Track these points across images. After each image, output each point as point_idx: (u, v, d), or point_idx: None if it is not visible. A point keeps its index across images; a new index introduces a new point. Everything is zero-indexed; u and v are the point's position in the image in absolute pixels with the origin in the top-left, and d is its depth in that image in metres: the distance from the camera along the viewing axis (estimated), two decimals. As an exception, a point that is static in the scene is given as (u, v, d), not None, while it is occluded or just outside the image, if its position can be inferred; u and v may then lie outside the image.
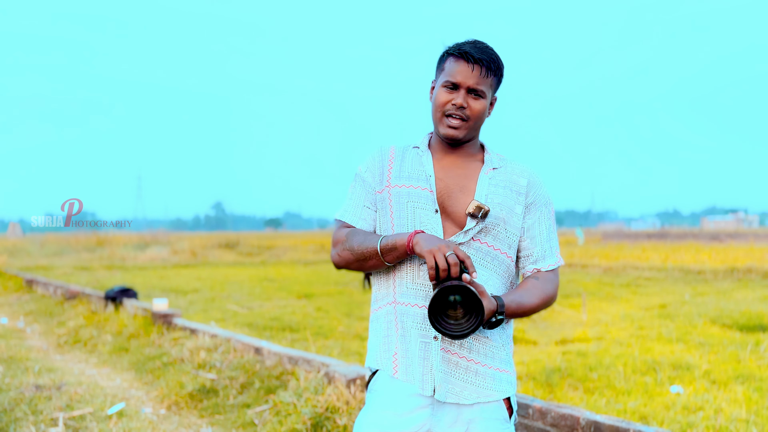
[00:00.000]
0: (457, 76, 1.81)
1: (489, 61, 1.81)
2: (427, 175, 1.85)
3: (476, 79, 1.80)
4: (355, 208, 1.92)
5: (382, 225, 1.89)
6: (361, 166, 1.95)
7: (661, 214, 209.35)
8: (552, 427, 3.28)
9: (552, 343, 7.21)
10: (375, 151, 1.95)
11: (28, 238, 36.70)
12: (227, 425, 4.40)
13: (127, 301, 8.81)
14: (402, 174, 1.88)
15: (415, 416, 1.79)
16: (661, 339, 7.15)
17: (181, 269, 20.21)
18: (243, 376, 5.16)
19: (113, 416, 4.57)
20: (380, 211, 1.90)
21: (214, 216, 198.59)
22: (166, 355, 6.13)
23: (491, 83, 1.84)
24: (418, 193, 1.84)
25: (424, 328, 1.79)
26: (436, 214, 1.81)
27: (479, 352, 1.79)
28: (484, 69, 1.81)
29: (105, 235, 31.42)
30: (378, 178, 1.91)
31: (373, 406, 1.85)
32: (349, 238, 1.86)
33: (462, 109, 1.81)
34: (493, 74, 1.83)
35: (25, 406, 4.74)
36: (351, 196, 1.94)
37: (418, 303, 1.81)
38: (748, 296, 11.04)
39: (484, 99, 1.83)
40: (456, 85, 1.81)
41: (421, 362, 1.79)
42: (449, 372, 1.78)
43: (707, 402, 4.55)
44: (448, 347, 1.78)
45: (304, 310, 10.22)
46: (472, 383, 1.79)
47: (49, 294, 11.64)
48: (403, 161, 1.91)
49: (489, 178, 1.85)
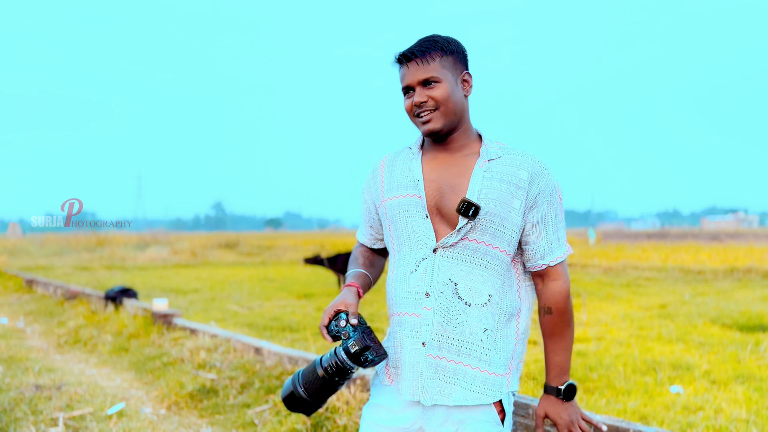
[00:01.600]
0: (404, 80, 1.83)
1: (421, 50, 1.79)
2: (416, 180, 1.84)
3: (417, 72, 1.80)
4: (361, 225, 2.09)
5: (386, 238, 1.95)
6: (363, 185, 2.04)
7: (661, 214, 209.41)
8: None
9: (552, 343, 7.20)
10: (370, 169, 2.00)
11: (28, 238, 36.68)
12: (227, 425, 4.40)
13: (127, 301, 8.82)
14: (392, 185, 1.89)
15: (407, 414, 1.83)
16: (661, 339, 7.14)
17: (181, 269, 20.20)
18: (243, 376, 5.16)
19: (113, 416, 4.58)
20: (383, 225, 1.95)
21: (214, 216, 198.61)
22: (166, 355, 6.13)
23: (441, 65, 1.79)
24: (407, 201, 1.84)
25: (413, 335, 1.81)
26: (426, 220, 1.80)
27: (470, 355, 1.78)
28: (418, 59, 1.79)
29: (105, 235, 31.41)
30: (375, 195, 1.95)
31: (372, 401, 1.91)
32: (350, 257, 2.07)
33: (424, 104, 1.80)
34: (437, 56, 1.79)
35: (25, 406, 4.74)
36: (362, 214, 2.08)
37: (408, 311, 1.82)
38: (748, 296, 11.03)
39: (441, 83, 1.79)
40: (408, 87, 1.83)
41: (410, 368, 1.81)
42: (436, 376, 1.79)
43: (707, 402, 4.55)
44: (434, 352, 1.78)
45: (304, 310, 10.22)
46: (460, 386, 1.78)
47: (49, 294, 11.64)
48: (393, 170, 1.91)
49: (483, 171, 1.79)
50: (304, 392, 1.80)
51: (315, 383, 1.79)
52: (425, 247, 1.80)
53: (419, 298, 1.79)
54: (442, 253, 1.78)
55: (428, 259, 1.79)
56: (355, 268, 1.99)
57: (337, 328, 1.79)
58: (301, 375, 1.83)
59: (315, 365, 1.81)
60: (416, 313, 1.80)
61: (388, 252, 1.97)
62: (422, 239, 1.81)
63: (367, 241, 2.07)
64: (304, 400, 1.81)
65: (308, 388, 1.80)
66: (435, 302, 1.78)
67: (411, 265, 1.82)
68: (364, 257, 2.05)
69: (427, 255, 1.80)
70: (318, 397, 1.81)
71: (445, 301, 1.77)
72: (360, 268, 1.99)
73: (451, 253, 1.78)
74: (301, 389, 1.80)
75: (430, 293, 1.78)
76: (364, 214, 2.04)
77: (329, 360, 1.78)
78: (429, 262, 1.79)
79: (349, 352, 1.75)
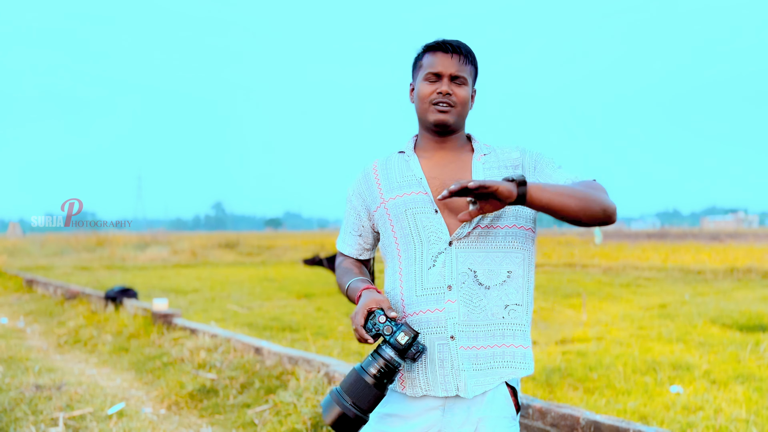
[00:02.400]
0: (438, 66, 1.84)
1: (466, 50, 1.87)
2: (418, 178, 1.85)
3: (457, 66, 1.84)
4: (344, 235, 2.04)
5: (386, 242, 1.91)
6: (349, 188, 2.00)
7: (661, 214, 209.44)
8: (552, 427, 3.29)
9: (552, 343, 7.20)
10: (359, 173, 1.98)
11: (28, 238, 36.69)
12: (227, 425, 4.39)
13: (127, 301, 8.82)
14: (392, 185, 1.89)
15: (424, 419, 1.79)
16: (661, 339, 7.14)
17: (181, 269, 20.20)
18: (243, 376, 5.16)
19: (113, 416, 4.57)
20: (381, 229, 1.92)
21: (214, 216, 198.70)
22: (166, 355, 6.13)
23: (470, 72, 1.87)
24: (414, 198, 1.84)
25: (439, 330, 1.78)
26: (436, 215, 1.81)
27: (496, 335, 1.78)
28: (462, 57, 1.85)
29: (105, 235, 31.41)
30: (370, 198, 1.93)
31: (381, 412, 1.83)
32: (337, 273, 2.02)
33: (448, 96, 1.83)
34: (471, 63, 1.87)
35: (25, 406, 4.74)
36: (343, 221, 2.04)
37: (430, 308, 1.79)
38: (748, 296, 11.03)
39: (466, 86, 1.86)
40: (438, 74, 1.84)
41: (441, 365, 1.78)
42: (472, 366, 1.77)
43: (707, 402, 4.55)
44: (465, 343, 1.77)
45: (304, 310, 10.22)
46: (494, 366, 1.78)
47: (49, 294, 11.64)
48: (389, 172, 1.91)
49: (482, 164, 1.86)
50: (356, 408, 1.64)
51: (366, 394, 1.65)
52: (439, 241, 1.80)
53: (441, 293, 1.78)
54: (457, 244, 1.79)
55: (445, 252, 1.79)
56: (353, 277, 1.93)
57: (378, 325, 1.69)
58: (344, 391, 1.66)
59: (358, 375, 1.67)
60: (439, 308, 1.78)
61: (385, 257, 1.92)
62: (435, 234, 1.80)
63: (354, 252, 2.01)
64: (359, 418, 1.64)
65: (359, 402, 1.65)
66: (458, 293, 1.77)
67: (427, 262, 1.80)
68: (357, 267, 1.99)
69: (443, 249, 1.79)
70: (371, 408, 1.66)
71: (468, 290, 1.78)
72: (359, 277, 1.94)
73: (467, 243, 1.79)
74: (352, 406, 1.64)
75: (453, 285, 1.78)
76: (351, 223, 1.99)
77: (374, 363, 1.66)
78: (446, 255, 1.79)
79: (399, 345, 1.65)
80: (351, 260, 2.03)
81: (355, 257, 2.03)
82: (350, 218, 2.00)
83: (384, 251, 1.94)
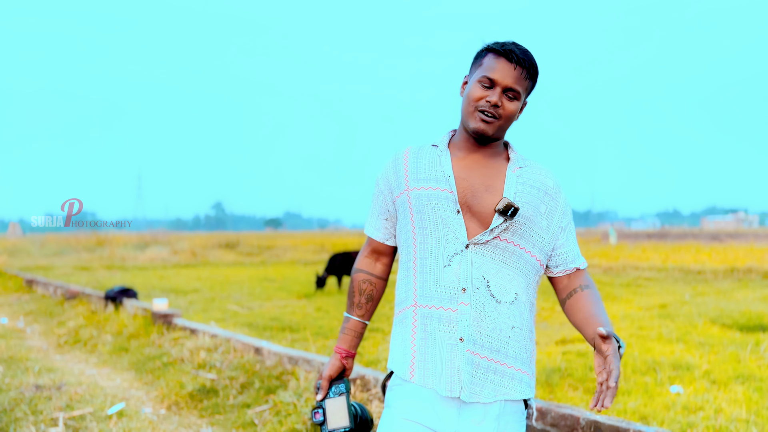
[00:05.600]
0: (496, 73, 1.78)
1: (530, 63, 1.81)
2: (446, 175, 1.83)
3: (514, 78, 1.78)
4: (371, 218, 2.00)
5: (402, 229, 1.88)
6: (379, 174, 1.97)
7: (661, 214, 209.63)
8: (552, 427, 3.29)
9: (552, 343, 7.20)
10: (390, 157, 1.96)
11: (28, 238, 36.71)
12: (227, 425, 4.40)
13: (127, 301, 8.82)
14: (420, 176, 1.86)
15: (442, 419, 1.77)
16: (661, 339, 7.14)
17: (181, 269, 20.21)
18: (243, 376, 5.16)
19: (113, 416, 4.58)
20: (400, 215, 1.89)
21: (214, 216, 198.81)
22: (166, 355, 6.13)
23: (527, 86, 1.83)
24: (438, 194, 1.82)
25: (450, 330, 1.78)
26: (458, 215, 1.79)
27: (500, 351, 1.78)
28: (524, 71, 1.79)
29: (105, 235, 31.45)
30: (395, 183, 1.90)
31: (395, 413, 1.83)
32: (350, 282, 2.05)
33: (495, 108, 1.78)
34: (530, 78, 1.82)
35: (25, 406, 4.74)
36: (372, 206, 2.00)
37: (443, 305, 1.78)
38: (748, 296, 11.04)
39: (518, 101, 1.81)
40: (493, 82, 1.79)
41: (447, 364, 1.77)
42: (473, 373, 1.77)
43: (707, 402, 4.55)
44: (472, 348, 1.77)
45: (304, 310, 10.22)
46: (492, 382, 1.78)
47: (49, 294, 11.65)
48: (419, 162, 1.89)
49: (516, 177, 1.83)
50: None
51: None
52: (456, 241, 1.79)
53: (455, 293, 1.77)
54: (473, 249, 1.78)
55: (460, 254, 1.78)
56: (351, 311, 2.00)
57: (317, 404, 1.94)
58: None
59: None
60: (452, 308, 1.77)
61: (400, 244, 1.92)
62: (453, 234, 1.79)
63: (381, 236, 1.97)
64: None
65: None
66: (471, 298, 1.76)
67: (443, 259, 1.79)
68: (366, 292, 2.02)
69: (459, 250, 1.78)
70: None
71: (480, 297, 1.77)
72: (355, 316, 2.00)
73: (483, 251, 1.78)
74: None
75: (467, 289, 1.77)
76: (378, 206, 1.96)
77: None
78: (462, 257, 1.78)
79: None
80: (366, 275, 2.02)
81: (381, 241, 1.99)
82: (378, 201, 1.97)
83: (399, 237, 1.92)
